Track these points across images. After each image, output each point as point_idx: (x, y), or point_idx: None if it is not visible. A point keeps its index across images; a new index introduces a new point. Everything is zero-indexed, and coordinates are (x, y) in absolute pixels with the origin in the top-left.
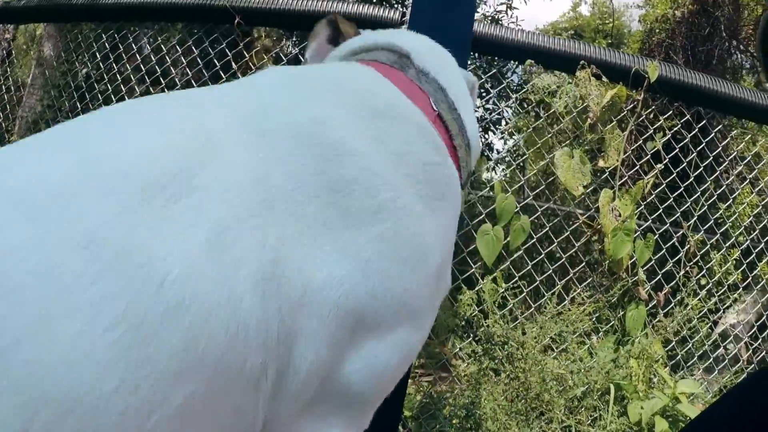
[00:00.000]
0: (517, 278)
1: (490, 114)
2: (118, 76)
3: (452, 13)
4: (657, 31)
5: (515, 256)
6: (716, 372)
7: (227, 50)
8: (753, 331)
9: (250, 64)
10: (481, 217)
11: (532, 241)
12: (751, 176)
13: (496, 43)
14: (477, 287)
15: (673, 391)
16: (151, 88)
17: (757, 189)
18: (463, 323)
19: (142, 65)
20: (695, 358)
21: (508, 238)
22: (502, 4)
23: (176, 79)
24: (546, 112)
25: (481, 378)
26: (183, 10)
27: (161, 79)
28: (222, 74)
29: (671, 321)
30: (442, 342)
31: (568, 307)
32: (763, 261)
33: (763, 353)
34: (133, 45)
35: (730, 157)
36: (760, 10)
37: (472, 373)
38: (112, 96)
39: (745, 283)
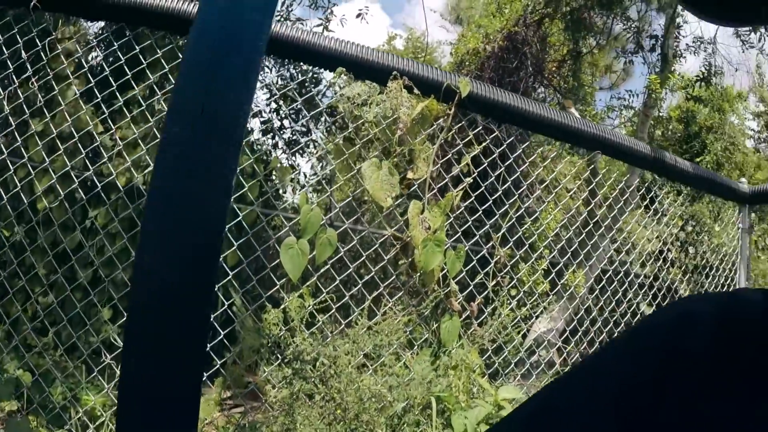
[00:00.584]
0: (324, 294)
1: (297, 135)
2: None
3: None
4: (467, 63)
5: (322, 270)
6: (534, 377)
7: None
8: (565, 336)
9: (48, 68)
10: (284, 230)
11: (339, 254)
12: (552, 195)
13: (308, 50)
14: (283, 305)
15: (495, 398)
16: None
17: (561, 204)
18: (270, 344)
19: None
20: (512, 366)
21: (314, 253)
22: (318, 25)
23: None
24: (354, 124)
25: (294, 402)
26: None
27: None
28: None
29: (486, 330)
30: (249, 367)
31: (380, 321)
32: (570, 270)
33: (576, 357)
34: None
35: (535, 174)
36: (565, 49)
37: (284, 397)
38: None
39: (554, 291)
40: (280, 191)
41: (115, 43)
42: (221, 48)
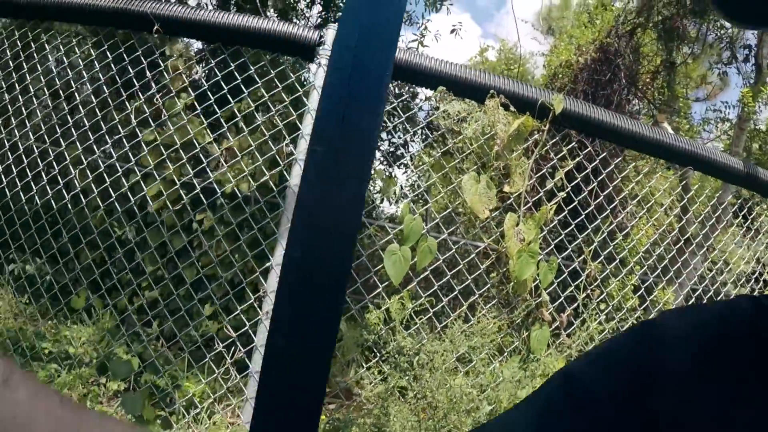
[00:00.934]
0: (423, 298)
1: (396, 148)
2: (17, 85)
3: (380, 14)
4: (560, 76)
5: (422, 276)
6: None
7: (131, 69)
8: None
9: (160, 84)
10: (386, 238)
11: (439, 262)
12: (644, 209)
13: (410, 69)
14: (384, 306)
15: None
16: (50, 101)
17: (652, 219)
18: (370, 343)
19: (42, 77)
20: None
21: (415, 259)
22: (413, 41)
23: (78, 95)
24: (454, 139)
25: (388, 397)
26: (102, 13)
27: (63, 93)
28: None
29: (574, 341)
30: (348, 363)
31: (475, 324)
32: (659, 287)
33: None
34: (35, 55)
35: (627, 189)
36: (659, 60)
37: (379, 392)
38: (9, 106)
39: (643, 307)
40: (377, 201)
41: (231, 64)
42: (354, 82)
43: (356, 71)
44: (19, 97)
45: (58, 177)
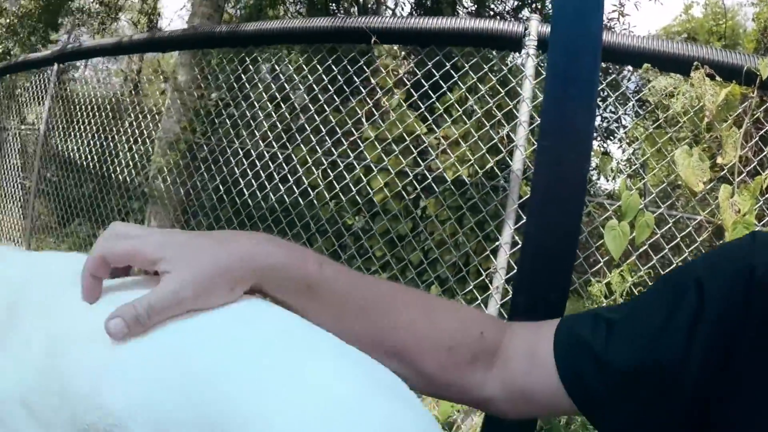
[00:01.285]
0: (642, 270)
1: (608, 122)
2: (242, 101)
3: (585, 27)
4: None
5: (641, 250)
6: None
7: (353, 73)
8: None
9: (377, 86)
10: (606, 215)
11: (656, 236)
12: None
13: (613, 49)
14: (605, 280)
15: None
16: (278, 112)
17: None
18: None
19: (264, 91)
20: None
21: (634, 234)
22: (614, 11)
23: (296, 103)
24: (664, 114)
25: None
26: (323, 34)
27: (282, 103)
28: (349, 98)
29: None
30: None
31: None
32: None
33: None
34: (254, 71)
35: None
36: None
37: None
38: (239, 120)
39: None
40: (594, 179)
41: (446, 63)
42: (568, 85)
43: (569, 76)
44: (259, 112)
45: (304, 177)
